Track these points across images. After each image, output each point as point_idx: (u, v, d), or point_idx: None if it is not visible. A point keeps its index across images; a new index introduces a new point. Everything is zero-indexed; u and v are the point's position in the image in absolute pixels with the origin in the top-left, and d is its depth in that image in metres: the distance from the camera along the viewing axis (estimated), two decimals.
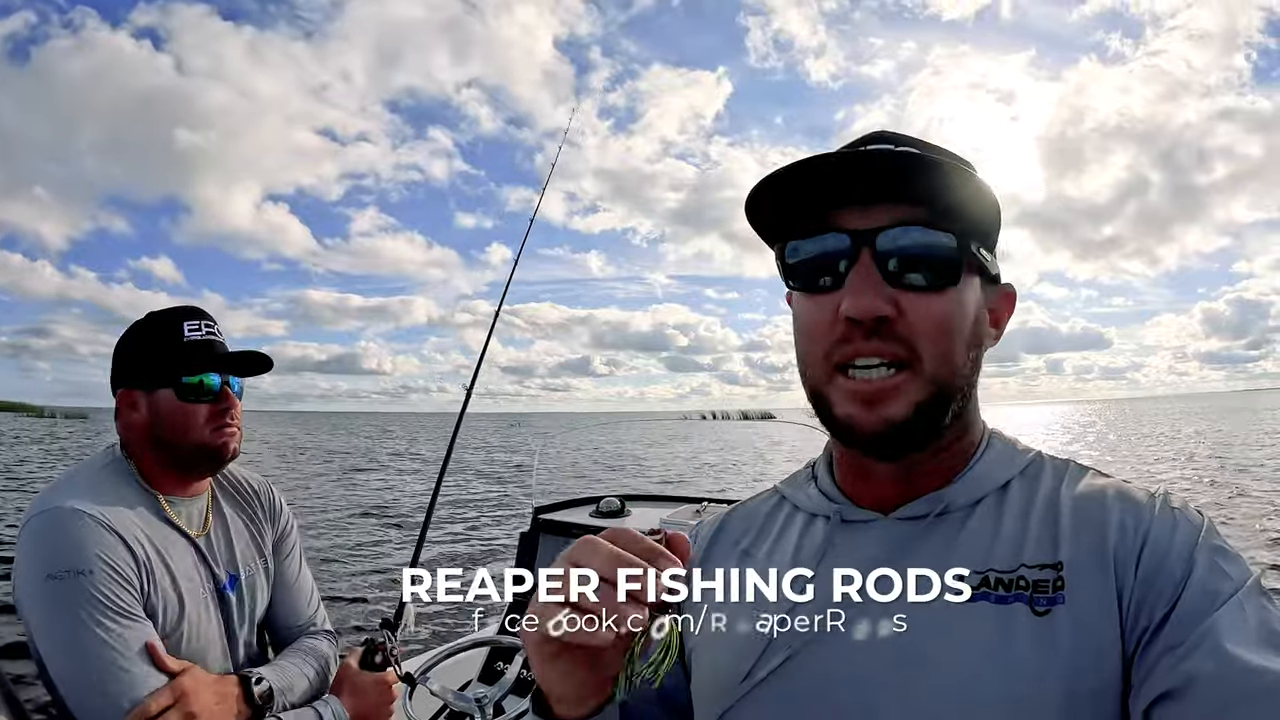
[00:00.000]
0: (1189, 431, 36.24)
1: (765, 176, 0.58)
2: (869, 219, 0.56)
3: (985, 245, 0.60)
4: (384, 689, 1.30)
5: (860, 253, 0.56)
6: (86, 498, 1.04)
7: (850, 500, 0.65)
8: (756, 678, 0.60)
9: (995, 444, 0.65)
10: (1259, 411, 64.66)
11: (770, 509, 0.73)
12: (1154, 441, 29.94)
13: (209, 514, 1.23)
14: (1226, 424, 42.98)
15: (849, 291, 0.55)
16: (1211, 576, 0.50)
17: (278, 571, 1.34)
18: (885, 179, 0.56)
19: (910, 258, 0.56)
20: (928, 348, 0.56)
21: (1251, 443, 25.11)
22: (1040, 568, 0.54)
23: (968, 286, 0.59)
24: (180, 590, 1.10)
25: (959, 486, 0.61)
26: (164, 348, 1.17)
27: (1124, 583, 0.52)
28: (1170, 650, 0.48)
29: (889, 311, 0.55)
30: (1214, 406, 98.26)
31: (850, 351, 0.56)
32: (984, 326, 0.62)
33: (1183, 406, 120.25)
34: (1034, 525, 0.57)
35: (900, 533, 0.61)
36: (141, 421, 1.15)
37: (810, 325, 0.59)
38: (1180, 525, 0.54)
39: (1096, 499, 0.57)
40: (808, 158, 0.57)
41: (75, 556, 0.98)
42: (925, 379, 0.56)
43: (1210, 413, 69.19)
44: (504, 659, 1.81)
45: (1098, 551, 0.54)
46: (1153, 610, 0.50)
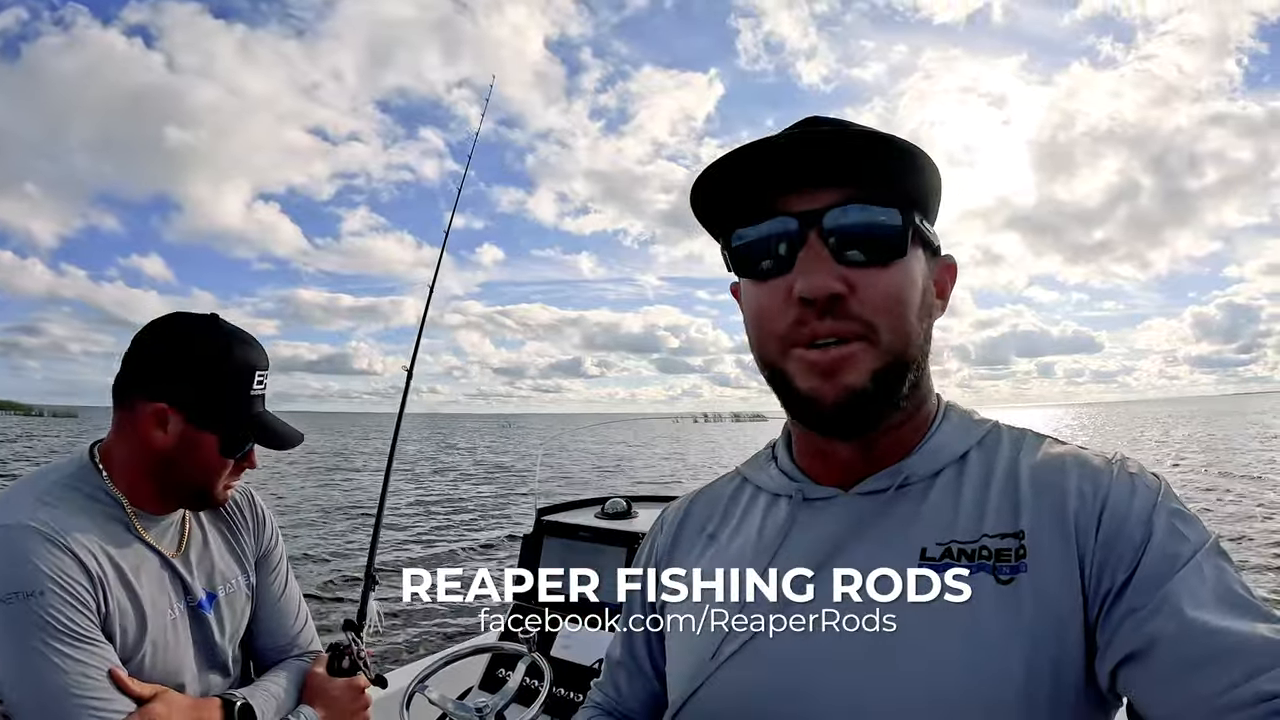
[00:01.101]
0: (1180, 435, 36.57)
1: (705, 168, 0.59)
2: (813, 200, 0.57)
3: (927, 217, 0.61)
4: (356, 694, 1.23)
5: (808, 234, 0.57)
6: (40, 511, 0.96)
7: (810, 478, 0.66)
8: (723, 655, 0.62)
9: (951, 415, 0.66)
10: (1248, 415, 65.42)
11: (733, 491, 0.74)
12: (1148, 445, 30.17)
13: (187, 530, 1.15)
14: (1216, 427, 43.41)
15: (800, 272, 0.56)
16: (1170, 539, 0.52)
17: (261, 588, 1.27)
18: (824, 159, 0.57)
19: (856, 235, 0.57)
20: (882, 321, 0.56)
21: (1238, 446, 25.33)
22: (1002, 537, 0.56)
23: (914, 259, 0.59)
24: (144, 609, 1.02)
25: (917, 458, 0.62)
26: (233, 395, 1.08)
27: (1084, 548, 0.53)
28: (1132, 613, 0.50)
29: (841, 289, 0.55)
30: (1204, 410, 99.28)
31: (807, 333, 0.56)
32: (931, 297, 0.63)
33: (1173, 410, 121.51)
34: (994, 495, 0.58)
35: (862, 508, 0.62)
36: (163, 444, 1.05)
37: (762, 310, 0.60)
38: (1138, 489, 0.55)
39: (1055, 466, 0.58)
40: (745, 144, 0.57)
41: (24, 577, 0.90)
42: (881, 349, 0.56)
43: (1199, 416, 69.88)
44: (506, 666, 1.76)
45: (1058, 518, 0.55)
46: (1114, 574, 0.52)
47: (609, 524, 2.19)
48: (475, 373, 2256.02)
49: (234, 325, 1.12)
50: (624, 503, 2.34)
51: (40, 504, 0.97)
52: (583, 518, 2.28)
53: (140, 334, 1.09)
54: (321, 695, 1.19)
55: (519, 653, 1.49)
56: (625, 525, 2.17)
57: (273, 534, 1.30)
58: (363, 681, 1.24)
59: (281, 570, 1.30)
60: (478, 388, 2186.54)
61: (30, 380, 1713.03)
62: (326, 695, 1.19)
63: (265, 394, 1.14)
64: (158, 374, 1.05)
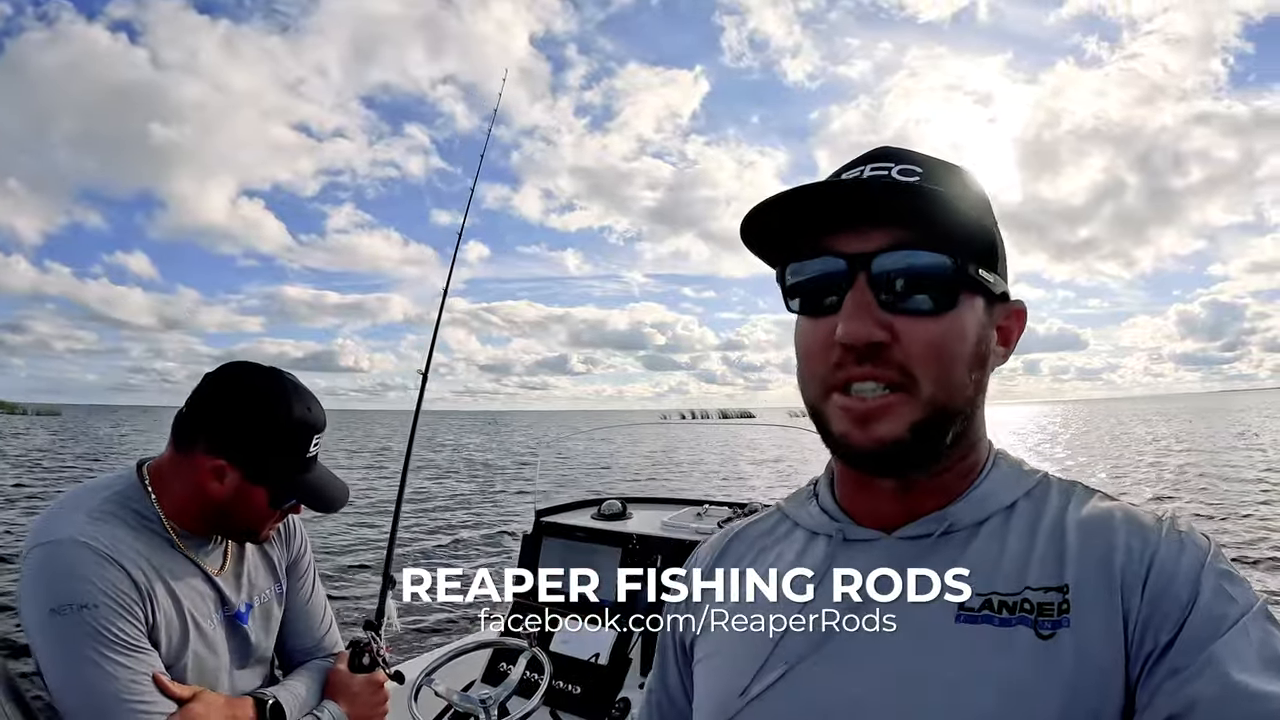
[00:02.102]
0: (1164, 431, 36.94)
1: (762, 201, 0.58)
2: (864, 242, 0.56)
3: (986, 265, 0.59)
4: (376, 689, 1.31)
5: (855, 277, 0.56)
6: (90, 527, 1.02)
7: (851, 518, 0.65)
8: (753, 693, 0.60)
9: (1001, 464, 0.64)
10: (1233, 412, 66.07)
11: (771, 526, 0.73)
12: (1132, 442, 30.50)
13: (226, 544, 1.22)
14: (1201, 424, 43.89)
15: (843, 316, 0.55)
16: (1217, 601, 0.50)
17: (290, 593, 1.34)
18: (880, 202, 0.56)
19: (906, 281, 0.55)
20: (924, 372, 0.55)
21: (1223, 445, 25.69)
22: (1045, 590, 0.54)
23: (968, 308, 0.58)
24: (185, 619, 1.09)
25: (963, 505, 0.60)
26: (288, 456, 1.15)
27: (1130, 606, 0.52)
28: (1174, 674, 0.48)
29: (882, 337, 0.54)
30: (1188, 407, 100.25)
31: (844, 377, 0.56)
32: (989, 346, 0.61)
33: (1158, 407, 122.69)
34: (1040, 547, 0.57)
35: (903, 552, 0.60)
36: (218, 494, 1.12)
37: (808, 348, 0.59)
38: (1187, 548, 0.53)
39: (1103, 521, 0.57)
40: (801, 185, 0.57)
41: (78, 590, 0.97)
42: (922, 401, 0.55)
43: (1184, 413, 70.62)
44: (507, 660, 1.83)
45: (1104, 574, 0.53)
46: (1158, 634, 0.50)
47: (605, 525, 2.25)
48: (461, 370, 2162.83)
49: (297, 382, 1.18)
50: (619, 504, 2.40)
51: (91, 520, 1.04)
52: (580, 519, 2.33)
53: (209, 382, 1.15)
54: (344, 691, 1.27)
55: (520, 648, 1.56)
56: (620, 526, 2.23)
57: (302, 542, 1.37)
58: (382, 677, 1.32)
59: (309, 577, 1.38)
60: (464, 385, 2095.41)
61: (15, 378, 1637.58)
62: (348, 691, 1.27)
63: (318, 454, 1.21)
64: (222, 429, 1.12)
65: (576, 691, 1.86)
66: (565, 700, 1.86)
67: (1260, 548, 8.96)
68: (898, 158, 0.60)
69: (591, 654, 1.90)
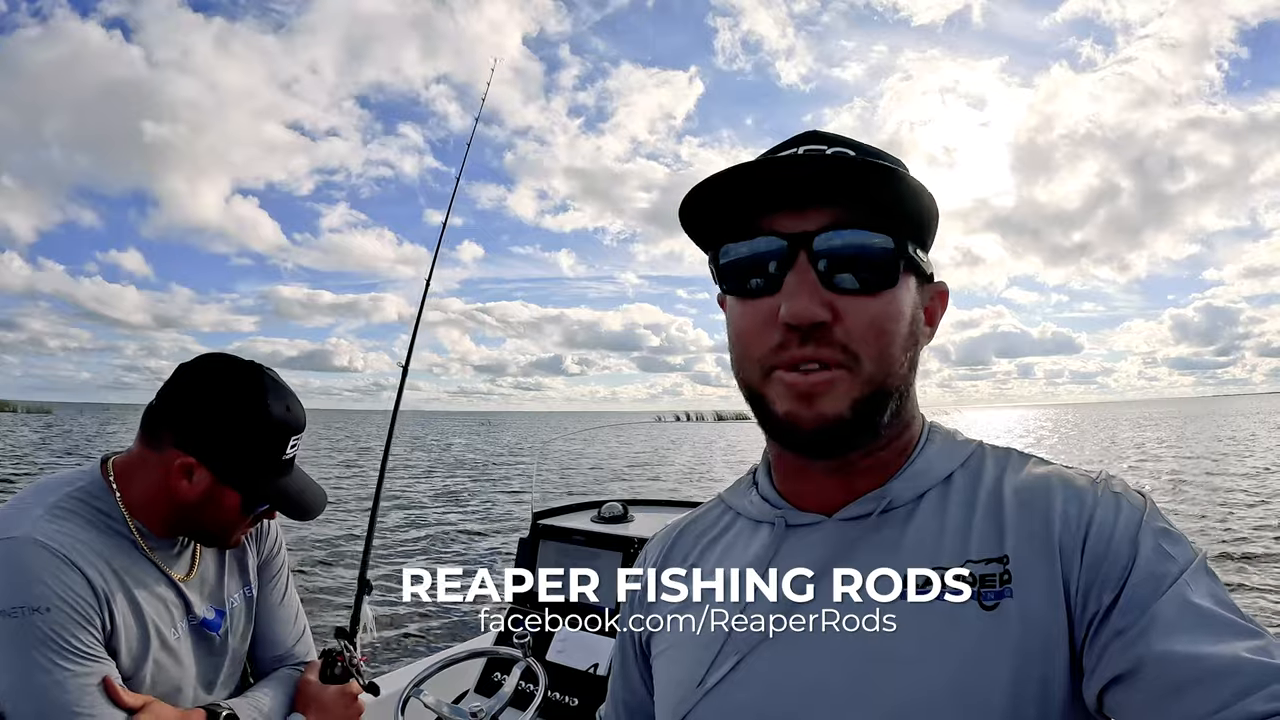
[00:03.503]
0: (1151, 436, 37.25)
1: (699, 183, 0.57)
2: (804, 222, 0.56)
3: (921, 246, 0.60)
4: (349, 701, 1.23)
5: (796, 256, 0.55)
6: (48, 525, 0.94)
7: (791, 504, 0.65)
8: (710, 684, 0.61)
9: (935, 437, 0.65)
10: (1229, 416, 66.77)
11: (715, 518, 0.73)
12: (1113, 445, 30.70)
13: (197, 555, 1.14)
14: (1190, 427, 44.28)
15: (785, 296, 0.55)
16: (1157, 559, 0.51)
17: (260, 595, 1.26)
18: (820, 181, 0.56)
19: (846, 260, 0.55)
20: (865, 350, 0.55)
21: (1214, 450, 25.86)
22: (986, 562, 0.55)
23: (904, 287, 0.58)
24: (147, 627, 1.01)
25: (900, 482, 0.61)
26: (263, 459, 1.07)
27: (1070, 570, 0.53)
28: (1119, 634, 0.49)
29: (826, 316, 0.54)
30: (1182, 412, 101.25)
31: (787, 358, 0.55)
32: (919, 326, 0.61)
33: (1150, 411, 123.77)
34: (978, 519, 0.58)
35: (845, 533, 0.61)
36: (187, 495, 1.04)
37: (745, 330, 0.59)
38: (1123, 509, 0.54)
39: (1039, 487, 0.57)
40: (740, 164, 0.57)
41: (31, 593, 0.89)
42: (863, 379, 0.55)
43: (1177, 418, 71.24)
44: (501, 670, 1.75)
45: (1043, 541, 0.54)
46: (1100, 595, 0.51)
47: (605, 528, 2.18)
48: (456, 370, 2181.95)
49: (276, 378, 1.10)
50: (620, 506, 2.32)
51: (50, 517, 0.96)
52: (579, 521, 2.26)
53: (183, 372, 1.06)
54: (314, 703, 1.19)
55: (514, 657, 1.49)
56: (621, 529, 2.16)
57: (275, 542, 1.29)
58: (355, 688, 1.24)
59: (281, 578, 1.29)
60: (459, 385, 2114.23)
61: (9, 376, 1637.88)
62: (319, 702, 1.19)
63: (295, 456, 1.13)
64: (193, 424, 1.03)
65: (574, 704, 1.78)
66: (561, 712, 1.78)
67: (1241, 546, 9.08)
68: (829, 140, 0.60)
69: (590, 664, 1.82)
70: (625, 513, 2.30)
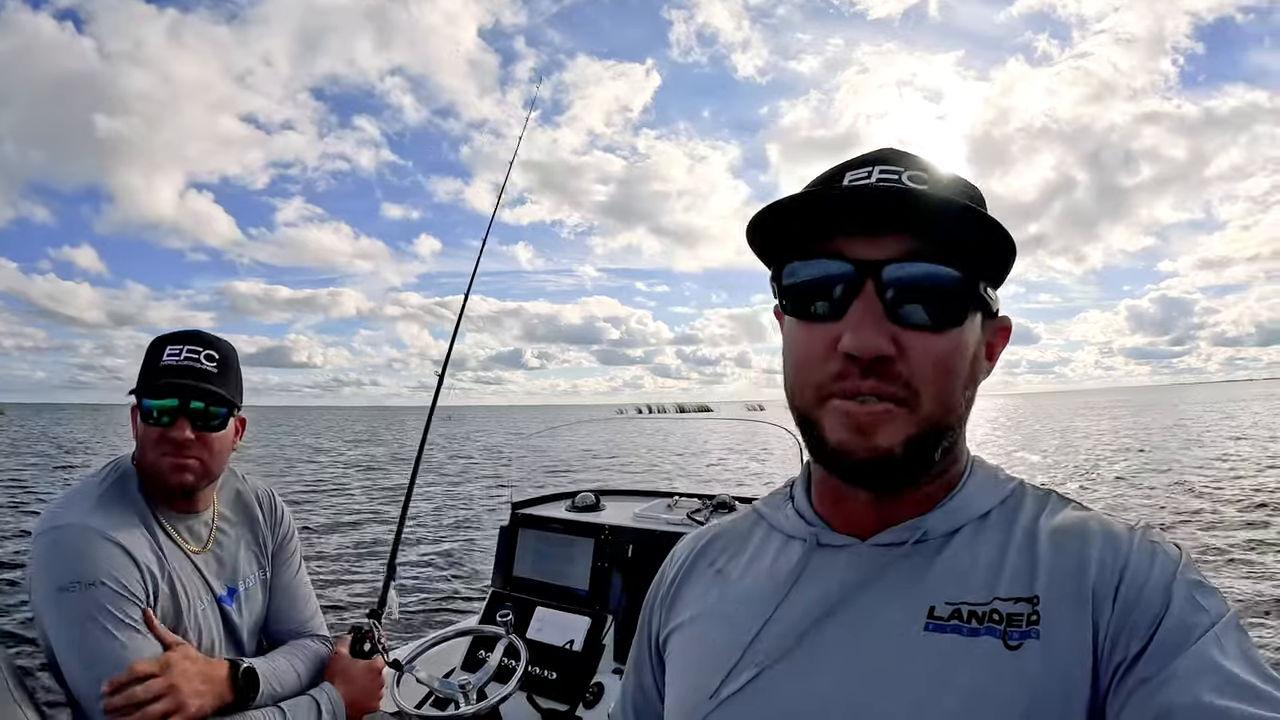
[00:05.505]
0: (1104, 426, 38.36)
1: (771, 202, 0.56)
2: (875, 249, 0.54)
3: (993, 284, 0.59)
4: (374, 675, 1.37)
5: (864, 283, 0.54)
6: (93, 514, 1.10)
7: (827, 524, 0.64)
8: (723, 695, 0.60)
9: (977, 473, 0.63)
10: (1182, 405, 68.37)
11: (748, 528, 0.72)
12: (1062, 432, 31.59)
13: (212, 530, 1.27)
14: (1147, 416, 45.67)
15: (850, 325, 0.53)
16: (1188, 610, 0.50)
17: (275, 577, 1.39)
18: (895, 208, 0.54)
19: (915, 293, 0.54)
20: (926, 389, 0.54)
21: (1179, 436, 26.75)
22: (1015, 601, 0.54)
23: (970, 325, 0.57)
24: (179, 604, 1.15)
25: (938, 514, 0.60)
26: (145, 366, 1.21)
27: (1100, 616, 0.51)
28: (1144, 684, 0.48)
29: (890, 350, 0.53)
30: (1138, 401, 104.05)
31: (846, 388, 0.54)
32: (980, 363, 0.61)
33: (1108, 400, 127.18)
34: (1011, 557, 0.56)
35: (875, 559, 0.60)
36: (135, 436, 1.20)
37: (804, 355, 0.57)
38: (1158, 558, 0.53)
39: (1076, 531, 0.57)
40: (820, 190, 0.56)
41: (84, 569, 1.04)
42: (920, 416, 0.54)
43: (1133, 406, 73.21)
44: (485, 648, 1.89)
45: (1076, 585, 0.53)
46: (1129, 643, 0.50)
47: (579, 516, 2.31)
48: (415, 365, 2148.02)
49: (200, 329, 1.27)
50: (593, 496, 2.47)
51: (94, 506, 1.12)
52: (555, 511, 2.39)
53: None
54: (343, 675, 1.33)
55: (497, 635, 1.62)
56: (593, 517, 2.29)
57: (288, 528, 1.43)
58: (380, 663, 1.38)
59: (294, 560, 1.43)
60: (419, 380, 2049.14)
61: None
62: (348, 675, 1.33)
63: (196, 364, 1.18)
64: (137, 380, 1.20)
65: (552, 677, 1.93)
66: (541, 685, 1.93)
67: None
68: (905, 162, 0.58)
69: (566, 641, 1.97)
70: (597, 502, 2.45)
